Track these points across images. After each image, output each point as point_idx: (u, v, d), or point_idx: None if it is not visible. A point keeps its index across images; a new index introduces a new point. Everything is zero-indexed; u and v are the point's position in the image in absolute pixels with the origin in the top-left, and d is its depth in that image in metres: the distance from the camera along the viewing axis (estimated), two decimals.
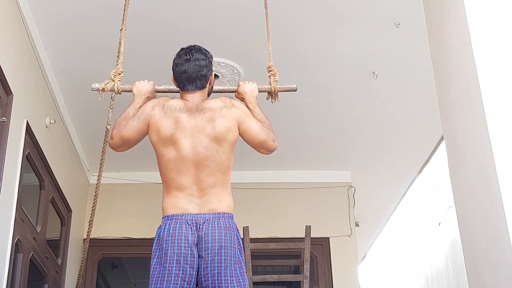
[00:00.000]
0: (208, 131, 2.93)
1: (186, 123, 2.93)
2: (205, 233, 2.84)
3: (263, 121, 3.14)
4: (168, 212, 2.91)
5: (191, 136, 2.92)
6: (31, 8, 4.45)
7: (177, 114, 2.95)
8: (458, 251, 6.19)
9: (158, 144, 2.95)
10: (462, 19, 3.04)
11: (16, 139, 4.34)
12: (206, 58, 3.07)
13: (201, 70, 3.03)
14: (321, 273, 6.71)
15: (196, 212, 2.88)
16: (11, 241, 4.26)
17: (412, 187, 7.60)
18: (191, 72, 3.02)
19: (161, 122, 2.94)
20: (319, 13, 4.60)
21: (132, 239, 6.68)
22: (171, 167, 2.92)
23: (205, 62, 3.05)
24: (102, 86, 3.26)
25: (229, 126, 2.97)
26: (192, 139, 2.92)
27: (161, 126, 2.93)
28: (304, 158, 6.82)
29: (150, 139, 2.98)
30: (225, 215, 2.90)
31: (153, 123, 2.96)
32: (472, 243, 3.05)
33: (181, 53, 3.08)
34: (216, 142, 2.93)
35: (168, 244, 2.83)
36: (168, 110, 2.96)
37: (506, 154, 2.75)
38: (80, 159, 6.37)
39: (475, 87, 2.90)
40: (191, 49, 3.08)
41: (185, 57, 3.04)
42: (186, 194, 2.90)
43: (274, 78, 3.37)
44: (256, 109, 3.17)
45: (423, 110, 5.78)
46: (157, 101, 3.03)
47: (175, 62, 3.07)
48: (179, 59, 3.06)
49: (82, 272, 5.56)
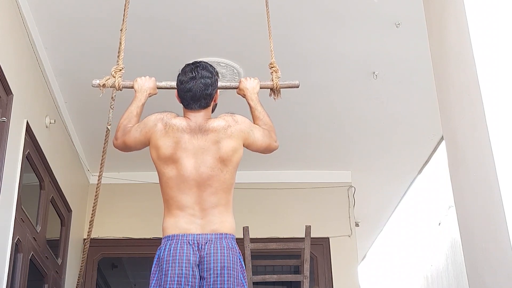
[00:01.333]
0: (213, 152, 2.88)
1: (188, 143, 2.88)
2: (207, 253, 2.78)
3: (265, 121, 3.11)
4: (169, 232, 2.84)
5: (193, 156, 2.87)
6: (31, 8, 4.45)
7: (178, 134, 2.89)
8: (458, 251, 6.19)
9: (157, 161, 2.91)
10: (462, 19, 3.04)
11: (16, 139, 4.34)
12: (212, 76, 2.99)
13: (206, 89, 2.96)
14: (321, 273, 6.71)
15: (198, 232, 2.82)
16: (11, 241, 4.25)
17: (412, 187, 7.60)
18: (195, 91, 2.94)
19: (161, 140, 2.89)
20: (319, 13, 4.60)
21: (132, 239, 6.68)
22: (172, 185, 2.87)
23: (210, 81, 2.98)
24: (103, 82, 3.25)
25: (235, 146, 2.92)
26: (195, 159, 2.87)
27: (161, 144, 2.89)
28: (304, 158, 6.82)
29: (151, 155, 2.94)
30: (228, 236, 2.85)
31: (154, 140, 2.91)
32: (472, 243, 3.05)
33: (187, 69, 3.00)
34: (221, 162, 2.89)
35: (168, 264, 2.76)
36: (170, 130, 2.90)
37: (506, 154, 2.75)
38: (80, 159, 6.37)
39: (475, 87, 2.90)
40: (197, 66, 3.00)
41: (190, 74, 2.97)
42: (188, 214, 2.84)
43: (276, 74, 3.36)
44: (257, 107, 3.15)
45: (423, 110, 5.78)
46: (161, 116, 2.96)
47: (179, 79, 3.00)
48: (184, 76, 2.98)
49: (82, 272, 5.56)
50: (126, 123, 3.04)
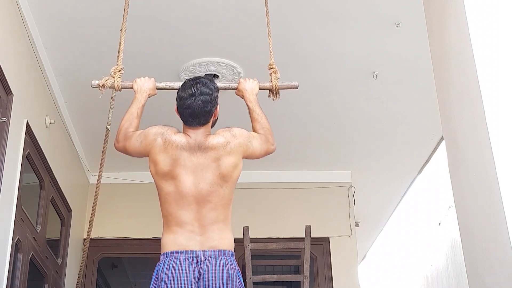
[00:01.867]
0: (213, 169, 2.87)
1: (187, 160, 2.87)
2: (206, 270, 2.78)
3: (263, 123, 3.10)
4: (168, 249, 2.83)
5: (192, 173, 2.86)
6: (31, 8, 4.45)
7: (177, 152, 2.88)
8: (458, 251, 6.19)
9: (156, 176, 2.91)
10: (462, 19, 3.04)
11: (16, 139, 4.34)
12: (211, 92, 2.96)
13: (206, 106, 2.93)
14: (321, 273, 6.71)
15: (197, 249, 2.81)
16: (11, 241, 4.25)
17: (412, 187, 7.60)
18: (194, 108, 2.92)
19: (160, 156, 2.88)
20: (319, 13, 4.60)
21: (132, 239, 6.68)
22: (170, 200, 2.86)
23: (210, 98, 2.94)
24: (102, 82, 3.25)
25: (235, 162, 2.92)
26: (194, 176, 2.86)
27: (159, 160, 2.88)
28: (304, 158, 6.82)
29: (149, 168, 2.93)
30: (227, 253, 2.84)
31: (152, 155, 2.91)
32: (472, 243, 3.05)
33: (186, 86, 2.98)
34: (221, 178, 2.88)
35: (167, 281, 2.75)
36: (169, 146, 2.89)
37: (506, 154, 2.75)
38: (80, 159, 6.37)
39: (475, 87, 2.90)
40: (197, 82, 2.97)
41: (189, 91, 2.94)
42: (187, 231, 2.83)
43: (275, 75, 3.36)
44: (255, 109, 3.13)
45: (423, 110, 5.78)
46: (161, 130, 2.94)
47: (179, 95, 2.97)
48: (183, 92, 2.96)
49: (82, 272, 5.56)
50: (127, 126, 3.03)
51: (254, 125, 3.13)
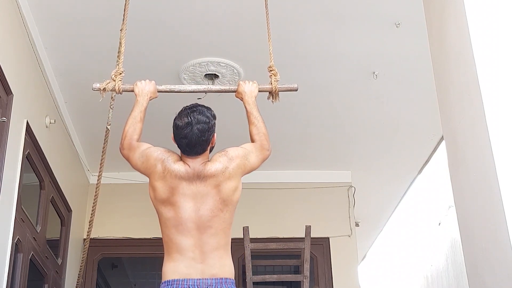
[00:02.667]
0: (213, 195, 2.85)
1: (186, 189, 2.84)
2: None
3: (259, 127, 3.07)
4: (168, 277, 2.82)
5: (192, 200, 2.84)
6: (31, 8, 4.45)
7: (176, 181, 2.84)
8: (458, 251, 6.19)
9: (155, 201, 2.90)
10: (462, 19, 3.04)
11: (16, 139, 4.34)
12: (208, 121, 2.88)
13: (203, 135, 2.86)
14: (321, 273, 6.71)
15: (198, 277, 2.79)
16: (11, 241, 4.25)
17: (412, 187, 7.60)
18: (191, 138, 2.84)
19: (158, 183, 2.86)
20: (319, 13, 4.60)
21: (132, 239, 6.68)
22: (170, 226, 2.84)
23: (207, 126, 2.87)
24: (103, 86, 3.25)
25: (235, 185, 2.90)
26: (194, 202, 2.84)
27: (158, 187, 2.86)
28: (304, 158, 6.82)
29: (149, 192, 2.91)
30: (228, 281, 2.83)
31: (152, 180, 2.89)
32: (472, 243, 3.05)
33: (183, 114, 2.90)
34: (221, 203, 2.86)
35: None
36: (168, 175, 2.85)
37: (506, 154, 2.75)
38: (80, 159, 6.37)
39: (475, 87, 2.90)
40: (194, 110, 2.89)
41: (186, 119, 2.86)
42: (187, 258, 2.81)
43: (275, 77, 3.35)
44: (253, 111, 3.11)
45: (423, 110, 5.78)
46: (162, 156, 2.90)
47: (175, 123, 2.90)
48: (180, 120, 2.88)
49: (82, 272, 5.56)
50: (131, 132, 3.00)
51: (251, 128, 3.10)
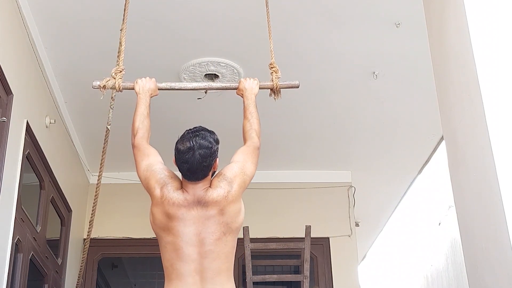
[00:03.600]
0: (216, 219, 2.77)
1: (186, 214, 2.76)
2: None
3: (252, 123, 3.06)
4: None
5: (193, 224, 2.75)
6: (31, 8, 4.45)
7: (174, 208, 2.76)
8: (458, 251, 6.19)
9: (154, 226, 2.83)
10: (462, 19, 3.04)
11: (16, 139, 4.34)
12: (211, 146, 2.78)
13: (204, 160, 2.75)
14: (321, 273, 6.71)
15: None
16: (11, 241, 4.25)
17: (412, 187, 7.60)
18: (192, 163, 2.74)
19: (156, 208, 2.80)
20: (319, 13, 4.60)
21: (132, 239, 6.67)
22: (170, 250, 2.76)
23: (209, 151, 2.77)
24: (103, 83, 3.25)
25: (238, 207, 2.84)
26: (195, 226, 2.75)
27: (156, 213, 2.80)
28: (304, 158, 6.82)
29: (149, 217, 2.85)
30: None
31: (152, 204, 2.83)
32: (472, 243, 3.05)
33: (185, 138, 2.81)
34: (224, 226, 2.78)
35: None
36: (166, 202, 2.78)
37: (506, 154, 2.75)
38: (80, 159, 6.37)
39: (475, 87, 2.90)
40: (196, 135, 2.80)
41: (188, 144, 2.76)
42: (188, 284, 2.72)
43: (276, 74, 3.36)
44: (250, 107, 3.11)
45: (423, 110, 5.78)
46: (164, 180, 2.83)
47: (177, 147, 2.82)
48: (182, 144, 2.79)
49: (82, 272, 5.56)
50: (140, 128, 3.01)
51: (244, 123, 3.10)
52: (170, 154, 2.90)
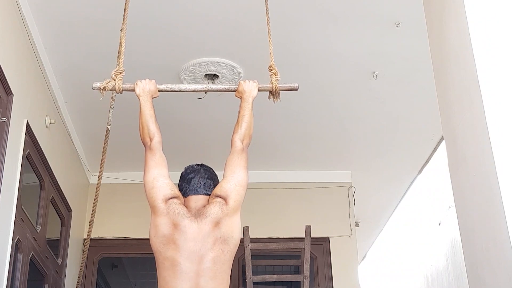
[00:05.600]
0: (214, 235, 2.80)
1: (188, 227, 2.80)
2: None
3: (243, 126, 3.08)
4: None
5: (193, 240, 2.78)
6: (31, 8, 4.45)
7: (179, 218, 2.81)
8: (458, 251, 6.19)
9: (155, 240, 2.83)
10: (462, 19, 3.04)
11: (16, 139, 4.34)
12: (213, 173, 3.04)
13: (209, 176, 3.00)
14: (321, 273, 6.71)
15: None
16: (11, 241, 4.25)
17: (412, 187, 7.60)
18: (198, 178, 2.97)
19: (161, 219, 2.82)
20: (319, 13, 4.60)
21: (132, 239, 6.67)
22: (168, 266, 2.76)
23: (212, 175, 3.03)
24: (103, 85, 3.24)
25: (236, 220, 2.88)
26: (194, 243, 2.77)
27: (160, 223, 2.82)
28: (304, 158, 6.82)
29: (149, 233, 2.87)
30: None
31: (154, 216, 2.86)
32: (472, 243, 3.05)
33: (189, 166, 3.06)
34: (222, 242, 2.80)
35: None
36: (172, 211, 2.83)
37: (506, 154, 2.75)
38: (80, 159, 6.37)
39: (475, 87, 2.90)
40: (201, 164, 3.06)
41: (192, 169, 3.02)
42: None
43: (275, 77, 3.35)
44: (245, 111, 3.11)
45: (423, 110, 5.78)
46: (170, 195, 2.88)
47: (181, 175, 3.02)
48: (186, 171, 3.04)
49: (82, 272, 5.56)
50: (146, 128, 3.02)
51: (236, 124, 3.12)
52: (170, 154, 2.93)
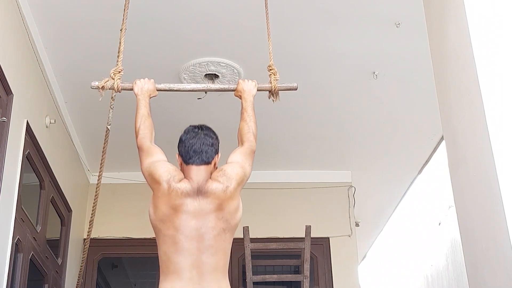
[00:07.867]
0: (216, 214, 2.80)
1: (190, 206, 2.79)
2: None
3: (250, 125, 3.08)
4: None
5: (194, 217, 2.78)
6: (31, 8, 4.46)
7: (181, 199, 2.79)
8: (458, 251, 6.19)
9: (154, 219, 2.83)
10: (462, 19, 3.04)
11: (16, 139, 4.34)
12: (215, 136, 2.93)
13: (209, 142, 2.88)
14: (321, 273, 6.71)
15: None
16: (11, 241, 4.25)
17: (412, 187, 7.60)
18: (199, 144, 2.85)
19: (162, 200, 2.81)
20: (319, 13, 4.60)
21: (132, 239, 6.68)
22: (169, 243, 2.77)
23: (212, 140, 2.89)
24: (101, 84, 3.24)
25: (237, 204, 2.87)
26: (196, 220, 2.77)
27: (160, 204, 2.81)
28: (304, 158, 6.82)
29: (148, 211, 2.86)
30: None
31: (155, 197, 2.84)
32: (472, 243, 3.05)
33: (189, 129, 2.94)
34: (224, 222, 2.81)
35: None
36: (173, 193, 2.79)
37: (506, 154, 2.75)
38: (80, 159, 6.37)
39: (475, 87, 2.90)
40: (201, 126, 2.94)
41: (194, 130, 2.91)
42: (185, 279, 2.73)
43: (274, 77, 3.36)
44: (248, 109, 3.12)
45: (423, 110, 5.78)
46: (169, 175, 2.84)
47: (181, 138, 2.91)
48: (186, 135, 2.91)
49: (82, 272, 5.56)
50: (142, 129, 3.01)
51: (242, 125, 3.11)
52: (170, 153, 2.92)
